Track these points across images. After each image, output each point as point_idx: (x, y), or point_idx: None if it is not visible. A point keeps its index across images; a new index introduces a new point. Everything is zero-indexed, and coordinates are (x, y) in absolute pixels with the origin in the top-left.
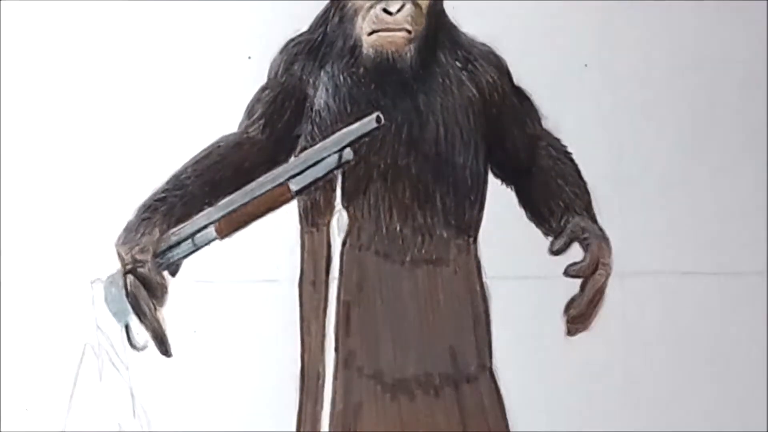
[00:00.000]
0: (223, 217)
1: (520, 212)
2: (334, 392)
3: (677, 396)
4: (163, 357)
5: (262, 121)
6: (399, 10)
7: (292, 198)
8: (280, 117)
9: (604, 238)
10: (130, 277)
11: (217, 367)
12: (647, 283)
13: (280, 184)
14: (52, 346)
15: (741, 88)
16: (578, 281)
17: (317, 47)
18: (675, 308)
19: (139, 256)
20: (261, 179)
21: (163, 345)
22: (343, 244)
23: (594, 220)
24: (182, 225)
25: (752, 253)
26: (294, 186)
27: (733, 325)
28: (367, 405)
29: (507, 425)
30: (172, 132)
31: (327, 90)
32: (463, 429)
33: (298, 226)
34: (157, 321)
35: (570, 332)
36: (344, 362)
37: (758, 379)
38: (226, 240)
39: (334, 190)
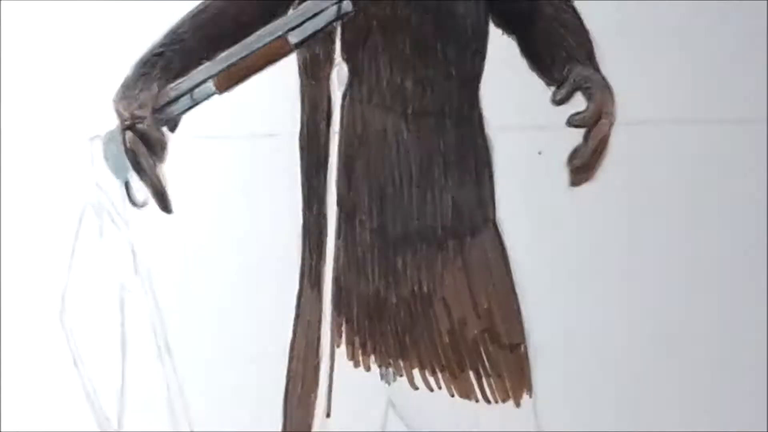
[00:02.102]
0: (222, 71)
1: (522, 62)
2: (337, 247)
3: (681, 243)
4: (164, 213)
5: None
6: None
7: (291, 51)
8: None
9: (607, 87)
10: (128, 134)
11: (217, 223)
12: (651, 132)
13: (279, 37)
14: (52, 205)
15: None
16: (581, 131)
17: None
18: (679, 156)
19: (137, 112)
20: (259, 32)
21: (163, 201)
22: (344, 97)
23: (597, 69)
24: (181, 80)
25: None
26: (293, 39)
27: (736, 173)
28: (371, 259)
29: (511, 278)
30: None
31: None
32: (467, 281)
33: (297, 80)
34: (157, 177)
35: (574, 182)
36: (347, 216)
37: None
38: (225, 94)
39: (333, 43)
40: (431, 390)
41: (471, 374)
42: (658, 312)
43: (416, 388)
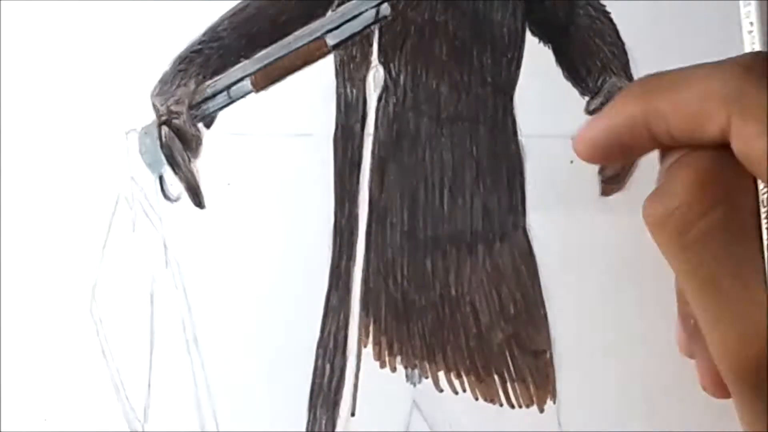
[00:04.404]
0: (260, 70)
1: (557, 71)
2: (367, 248)
3: None
4: (196, 209)
5: None
6: None
7: (328, 52)
8: None
9: None
10: (164, 129)
11: (249, 220)
12: None
13: (317, 38)
14: (86, 197)
15: None
16: None
17: None
18: None
19: (174, 108)
20: (298, 33)
21: (196, 196)
22: (379, 99)
23: (631, 81)
24: (218, 77)
25: None
26: (331, 40)
27: None
28: (400, 261)
29: (539, 284)
30: None
31: None
32: (494, 287)
33: (333, 81)
34: (191, 172)
35: (605, 192)
36: (378, 218)
37: None
38: (262, 93)
39: (371, 45)
40: (456, 393)
41: (496, 378)
42: None
43: (441, 391)
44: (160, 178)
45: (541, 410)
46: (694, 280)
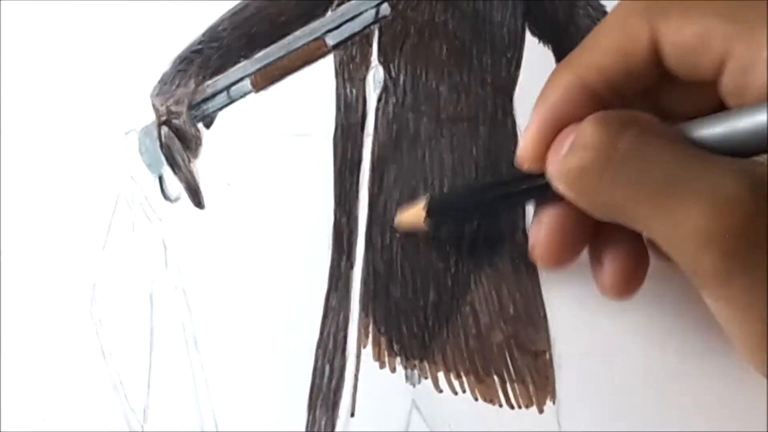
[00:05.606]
0: (259, 70)
1: None
2: (367, 248)
3: None
4: (196, 209)
5: None
6: None
7: (328, 52)
8: None
9: None
10: (164, 129)
11: (249, 220)
12: None
13: (317, 38)
14: (86, 197)
15: None
16: None
17: None
18: None
19: (173, 108)
20: (297, 33)
21: (196, 197)
22: (379, 99)
23: None
24: (218, 77)
25: None
26: (330, 40)
27: None
28: (400, 261)
29: (538, 285)
30: None
31: None
32: (494, 287)
33: (333, 81)
34: (191, 173)
35: None
36: (377, 218)
37: None
38: (261, 93)
39: (370, 46)
40: (455, 393)
41: (495, 379)
42: (685, 321)
43: (440, 391)
44: (160, 179)
45: (541, 411)
46: (642, 198)
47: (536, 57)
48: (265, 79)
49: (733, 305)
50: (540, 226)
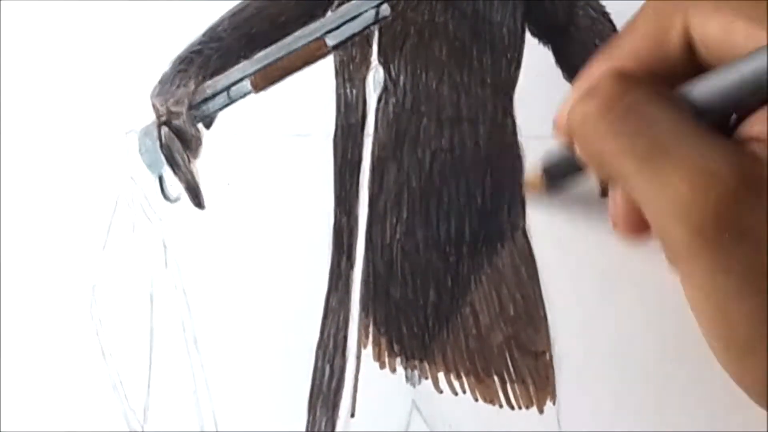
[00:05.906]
0: (259, 70)
1: (557, 71)
2: (367, 248)
3: None
4: (196, 209)
5: None
6: None
7: (328, 53)
8: None
9: None
10: (164, 129)
11: (249, 221)
12: None
13: (317, 39)
14: (86, 197)
15: None
16: None
17: None
18: None
19: (173, 108)
20: (297, 33)
21: (196, 197)
22: (379, 100)
23: None
24: (217, 78)
25: None
26: (330, 41)
27: None
28: (400, 261)
29: (538, 285)
30: None
31: None
32: (494, 288)
33: (333, 81)
34: (191, 173)
35: (604, 192)
36: (377, 218)
37: None
38: (261, 93)
39: (370, 46)
40: (455, 394)
41: (495, 379)
42: (685, 321)
43: (441, 392)
44: (160, 179)
45: (541, 411)
46: (633, 154)
47: (536, 57)
48: (265, 79)
49: (695, 286)
50: (615, 203)
